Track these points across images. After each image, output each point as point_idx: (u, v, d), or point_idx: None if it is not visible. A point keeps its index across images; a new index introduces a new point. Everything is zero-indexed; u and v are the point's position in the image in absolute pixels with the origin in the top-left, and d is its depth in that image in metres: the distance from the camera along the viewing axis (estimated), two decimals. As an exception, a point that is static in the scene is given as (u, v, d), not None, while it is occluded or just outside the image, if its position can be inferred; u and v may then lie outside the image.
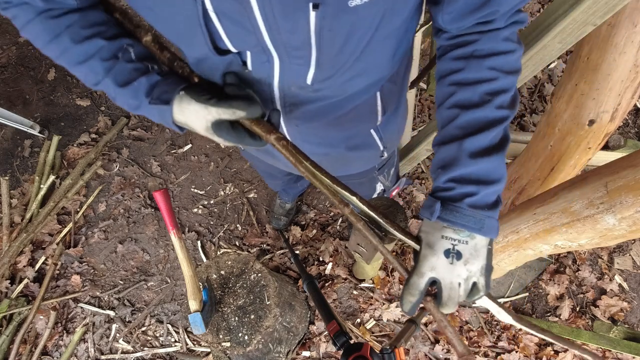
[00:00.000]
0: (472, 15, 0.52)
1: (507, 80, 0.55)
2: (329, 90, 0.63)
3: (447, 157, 0.56)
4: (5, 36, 2.51)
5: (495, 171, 0.55)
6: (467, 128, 0.55)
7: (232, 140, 0.56)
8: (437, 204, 0.55)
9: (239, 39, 0.51)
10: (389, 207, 0.85)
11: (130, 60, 0.57)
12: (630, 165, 0.87)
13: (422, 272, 0.55)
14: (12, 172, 2.18)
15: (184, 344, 1.80)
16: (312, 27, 0.46)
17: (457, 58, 0.57)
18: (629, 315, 1.76)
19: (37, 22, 0.54)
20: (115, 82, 0.56)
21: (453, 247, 0.54)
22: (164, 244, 2.01)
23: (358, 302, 1.82)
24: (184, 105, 0.55)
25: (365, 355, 0.68)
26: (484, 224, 0.53)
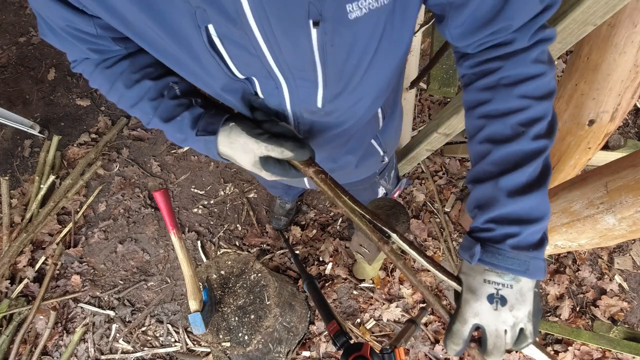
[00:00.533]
0: (483, 29, 0.49)
1: (541, 107, 0.50)
2: (340, 114, 0.63)
3: (483, 197, 0.53)
4: (5, 36, 2.51)
5: (538, 208, 0.50)
6: (502, 164, 0.51)
7: (279, 174, 0.58)
8: (477, 246, 0.51)
9: (244, 63, 0.50)
10: (391, 208, 0.85)
11: (174, 96, 0.60)
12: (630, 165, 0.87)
13: (465, 319, 0.52)
14: (12, 172, 2.18)
15: (184, 344, 1.80)
16: (314, 44, 0.46)
17: (484, 88, 0.53)
18: (629, 315, 1.76)
19: (97, 74, 0.61)
20: (161, 118, 0.59)
21: (497, 291, 0.50)
22: (164, 244, 2.01)
23: (358, 302, 1.82)
24: (233, 136, 0.57)
25: (365, 355, 0.67)
26: (529, 266, 0.49)
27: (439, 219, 1.97)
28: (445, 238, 1.92)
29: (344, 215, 2.02)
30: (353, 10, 0.43)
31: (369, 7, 0.43)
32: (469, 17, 0.49)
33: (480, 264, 0.51)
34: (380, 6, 0.44)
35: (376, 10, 0.44)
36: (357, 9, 0.43)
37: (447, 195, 2.02)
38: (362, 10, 0.43)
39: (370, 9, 0.43)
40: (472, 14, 0.48)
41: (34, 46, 2.47)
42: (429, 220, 1.97)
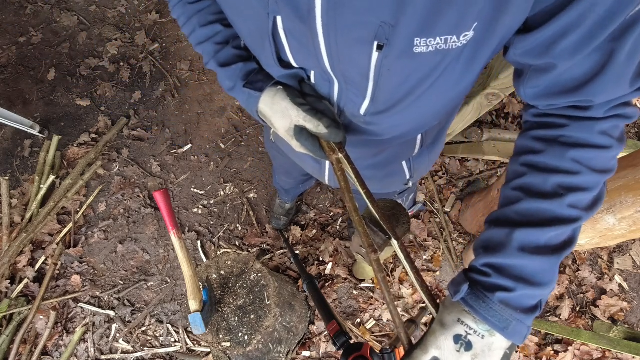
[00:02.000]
0: (560, 98, 0.47)
1: (591, 179, 0.48)
2: (379, 127, 0.63)
3: (493, 239, 0.50)
4: (5, 36, 2.51)
5: (545, 274, 0.47)
6: (527, 217, 0.49)
7: (308, 147, 0.59)
8: (465, 285, 0.48)
9: (302, 58, 0.52)
10: (392, 208, 0.85)
11: (238, 47, 0.63)
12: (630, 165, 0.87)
13: (427, 348, 0.50)
14: (12, 172, 2.18)
15: (184, 344, 1.80)
16: (372, 65, 0.46)
17: (539, 139, 0.51)
18: (629, 315, 1.76)
19: (179, 6, 0.66)
20: (218, 62, 0.62)
21: (466, 334, 0.48)
22: (164, 244, 2.01)
23: (358, 302, 1.82)
24: (277, 99, 0.58)
25: (365, 355, 0.67)
26: (509, 325, 0.46)
27: (439, 219, 1.97)
28: (445, 238, 1.92)
29: (344, 215, 2.02)
30: (419, 45, 0.42)
31: (436, 47, 0.43)
32: (549, 82, 0.47)
33: (461, 304, 0.49)
34: (447, 49, 0.43)
35: (442, 51, 0.43)
36: (423, 45, 0.42)
37: (447, 195, 2.02)
38: (428, 47, 0.43)
39: (437, 49, 0.43)
40: (553, 80, 0.46)
41: (34, 46, 2.47)
42: (429, 220, 1.97)
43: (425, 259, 1.90)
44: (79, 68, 2.40)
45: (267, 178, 2.13)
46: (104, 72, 2.39)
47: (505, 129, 2.10)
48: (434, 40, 0.42)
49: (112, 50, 2.44)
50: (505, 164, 2.01)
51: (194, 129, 2.25)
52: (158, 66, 2.40)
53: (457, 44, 0.43)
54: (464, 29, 0.41)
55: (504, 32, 0.44)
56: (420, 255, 1.91)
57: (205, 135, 2.24)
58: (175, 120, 2.28)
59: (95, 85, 2.36)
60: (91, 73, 2.39)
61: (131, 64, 2.40)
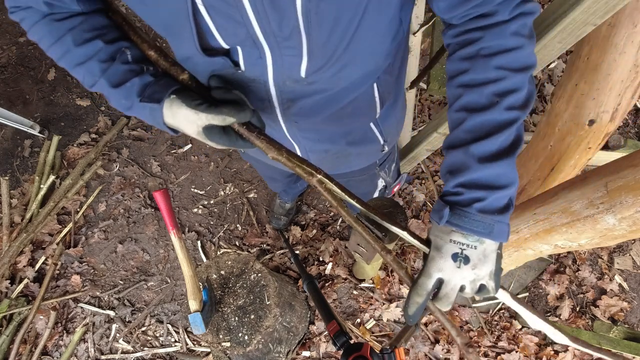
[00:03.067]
0: (466, 2, 0.52)
1: (517, 79, 0.53)
2: (324, 83, 0.63)
3: (455, 162, 0.55)
4: (5, 36, 2.51)
5: (506, 175, 0.53)
6: (475, 132, 0.54)
7: (225, 143, 0.57)
8: (446, 208, 0.54)
9: (230, 33, 0.52)
10: (389, 207, 0.85)
11: (126, 61, 0.58)
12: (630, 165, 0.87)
13: (430, 273, 0.55)
14: (12, 172, 2.18)
15: (184, 344, 1.80)
16: (299, 11, 0.47)
17: (464, 58, 0.56)
18: (629, 315, 1.76)
19: (42, 25, 0.57)
20: (109, 82, 0.57)
21: (461, 251, 0.54)
22: (164, 244, 2.01)
23: (358, 302, 1.82)
24: (174, 109, 0.56)
25: (365, 355, 0.67)
26: (493, 229, 0.52)
27: (439, 219, 1.97)
28: (445, 238, 1.92)
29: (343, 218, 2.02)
30: None
31: None
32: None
33: (447, 226, 0.54)
34: None
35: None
36: None
37: (447, 195, 2.02)
38: None
39: None
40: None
41: (34, 46, 2.47)
42: (429, 220, 1.97)
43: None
44: (79, 68, 2.40)
45: (267, 178, 2.13)
46: (104, 72, 2.39)
47: (505, 129, 2.10)
48: None
49: (112, 50, 2.44)
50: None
51: (194, 129, 2.25)
52: (158, 66, 2.40)
53: None
54: None
55: None
56: (420, 254, 1.91)
57: (205, 135, 2.24)
58: (175, 120, 2.28)
59: (95, 85, 2.36)
60: (91, 73, 2.39)
61: (131, 64, 2.40)
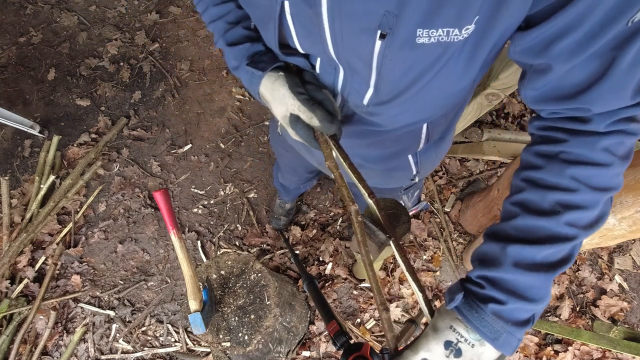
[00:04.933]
0: (558, 103, 0.47)
1: (590, 197, 0.47)
2: (382, 118, 0.64)
3: (489, 253, 0.51)
4: (5, 36, 2.51)
5: (538, 290, 0.47)
6: (523, 233, 0.49)
7: (302, 136, 0.60)
8: (460, 294, 0.49)
9: (308, 44, 0.53)
10: (392, 208, 0.85)
11: (247, 27, 0.64)
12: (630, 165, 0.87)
13: (417, 349, 0.51)
14: (12, 172, 2.18)
15: (184, 344, 1.80)
16: (375, 54, 0.47)
17: (540, 154, 0.51)
18: (629, 315, 1.76)
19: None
20: (226, 41, 0.63)
21: (456, 342, 0.48)
22: (164, 244, 2.01)
23: (358, 302, 1.82)
24: (277, 85, 0.59)
25: (365, 355, 0.67)
26: (500, 337, 0.47)
27: (439, 219, 1.97)
28: (445, 238, 1.92)
29: (344, 215, 2.02)
30: (421, 36, 0.43)
31: (438, 39, 0.43)
32: (548, 86, 0.47)
33: (455, 312, 0.50)
34: (449, 42, 0.44)
35: (444, 44, 0.44)
36: (425, 36, 0.43)
37: (447, 195, 2.02)
38: (430, 39, 0.43)
39: (439, 41, 0.43)
40: (551, 83, 0.46)
41: (34, 46, 2.47)
42: (429, 220, 1.97)
43: (425, 259, 1.90)
44: (79, 68, 2.40)
45: (267, 178, 2.13)
46: (104, 72, 2.39)
47: (505, 129, 2.10)
48: (435, 32, 0.42)
49: (112, 50, 2.44)
50: (505, 164, 2.01)
51: (194, 129, 2.25)
52: (158, 66, 2.40)
53: (458, 37, 0.43)
54: (466, 22, 0.42)
55: (505, 26, 0.44)
56: (420, 255, 1.91)
57: (205, 135, 2.24)
58: (175, 120, 2.28)
59: (95, 85, 2.36)
60: (91, 73, 2.39)
61: (131, 64, 2.40)
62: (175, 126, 2.26)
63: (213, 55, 2.43)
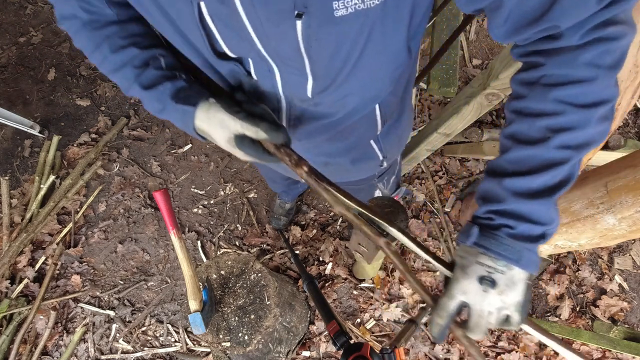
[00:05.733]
0: (525, 29, 0.46)
1: (578, 116, 0.46)
2: (329, 106, 0.63)
3: (490, 190, 0.53)
4: (5, 36, 2.51)
5: (543, 214, 0.49)
6: (517, 164, 0.50)
7: (252, 154, 0.58)
8: (475, 228, 0.52)
9: (235, 44, 0.51)
10: (390, 207, 0.85)
11: (159, 67, 0.60)
12: (630, 165, 0.87)
13: (453, 294, 0.52)
14: (12, 172, 2.18)
15: (184, 344, 1.80)
16: (299, 36, 0.46)
17: (523, 82, 0.51)
18: (629, 315, 1.76)
19: (83, 33, 0.59)
20: (141, 86, 0.59)
21: (488, 274, 0.50)
22: (164, 244, 2.01)
23: (358, 302, 1.83)
24: (211, 112, 0.57)
25: (365, 355, 0.67)
26: (522, 256, 0.49)
27: (439, 219, 1.97)
28: (445, 238, 1.92)
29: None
30: (338, 8, 0.43)
31: (355, 8, 0.43)
32: (509, 18, 0.46)
33: (475, 247, 0.52)
34: (367, 8, 0.44)
35: (363, 11, 0.44)
36: (342, 7, 0.43)
37: (447, 195, 2.02)
38: (347, 9, 0.43)
39: (356, 9, 0.44)
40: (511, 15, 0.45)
41: (34, 46, 2.47)
42: (429, 220, 1.97)
43: (425, 259, 1.90)
44: (79, 68, 2.40)
45: (267, 178, 2.13)
46: (104, 72, 2.39)
47: (505, 129, 2.10)
48: (351, 1, 0.42)
49: (112, 50, 2.44)
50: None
51: (194, 129, 2.25)
52: (158, 66, 2.40)
53: (374, 1, 0.43)
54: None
55: None
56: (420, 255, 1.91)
57: (205, 135, 2.24)
58: (175, 120, 2.28)
59: (95, 85, 2.36)
60: (91, 73, 2.39)
61: (131, 64, 2.40)
62: (175, 126, 2.26)
63: (213, 55, 2.43)
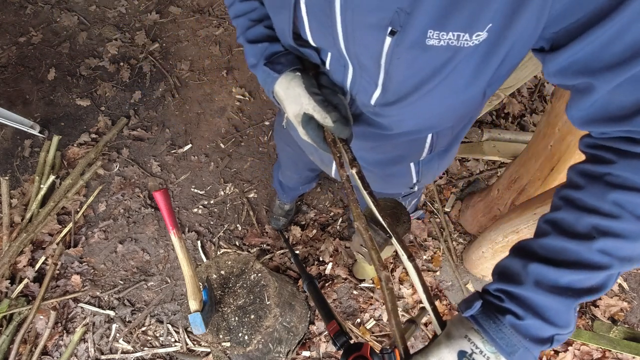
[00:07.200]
0: (606, 125, 0.43)
1: (633, 226, 0.42)
2: (387, 119, 0.64)
3: (510, 267, 0.48)
4: (5, 36, 2.51)
5: (559, 315, 0.44)
6: (549, 252, 0.46)
7: (312, 136, 0.60)
8: (479, 302, 0.47)
9: (319, 36, 0.53)
10: (393, 207, 0.85)
11: (268, 27, 0.65)
12: (630, 165, 0.87)
13: (428, 357, 0.48)
14: (12, 172, 2.18)
15: (184, 344, 1.80)
16: (384, 51, 0.47)
17: (584, 173, 0.46)
18: (629, 315, 1.76)
19: None
20: (246, 38, 0.65)
21: (471, 352, 0.46)
22: (164, 244, 2.01)
23: (358, 302, 1.82)
24: (292, 84, 0.60)
25: (365, 355, 0.67)
26: (516, 352, 0.44)
27: (439, 219, 1.97)
28: (445, 238, 1.92)
29: (344, 215, 2.02)
30: (432, 38, 0.43)
31: (448, 42, 0.43)
32: (594, 106, 0.43)
33: (470, 322, 0.48)
34: (459, 46, 0.44)
35: (454, 48, 0.44)
36: (435, 38, 0.43)
37: (447, 195, 2.02)
38: (440, 41, 0.43)
39: (449, 45, 0.43)
40: (597, 104, 0.43)
41: (34, 46, 2.47)
42: (429, 220, 1.97)
43: (425, 259, 1.90)
44: (79, 68, 2.40)
45: (267, 178, 2.13)
46: (104, 72, 2.39)
47: (505, 129, 2.10)
48: (446, 35, 0.42)
49: (112, 50, 2.44)
50: (505, 164, 2.01)
51: (194, 129, 2.25)
52: (158, 66, 2.40)
53: (468, 43, 0.43)
54: (477, 28, 0.42)
55: (516, 38, 0.44)
56: (420, 255, 1.91)
57: (205, 135, 2.24)
58: (175, 120, 2.28)
59: (95, 85, 2.36)
60: (91, 73, 2.39)
61: (131, 64, 2.40)
62: (175, 126, 2.26)
63: (213, 55, 2.43)
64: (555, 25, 0.42)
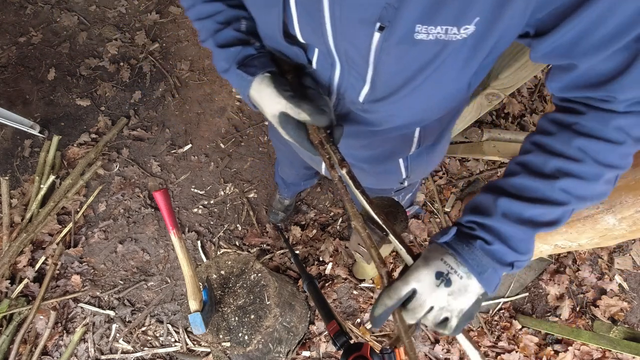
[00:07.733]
0: (583, 91, 0.48)
1: (593, 169, 0.48)
2: (376, 116, 0.64)
3: (482, 203, 0.54)
4: (5, 36, 2.51)
5: (521, 243, 0.51)
6: (517, 190, 0.52)
7: (294, 136, 0.59)
8: (454, 229, 0.53)
9: (308, 31, 0.53)
10: (389, 206, 0.85)
11: (238, 29, 0.63)
12: (630, 165, 0.87)
13: (408, 280, 0.52)
14: (12, 172, 2.18)
15: (184, 344, 1.80)
16: (372, 46, 0.47)
17: (554, 122, 0.52)
18: (629, 315, 1.76)
19: None
20: (216, 42, 0.63)
21: (447, 272, 0.51)
22: (164, 244, 2.01)
23: (358, 302, 1.83)
24: (263, 86, 0.59)
25: (365, 355, 0.67)
26: (486, 271, 0.50)
27: (439, 219, 1.97)
28: (445, 238, 1.92)
29: (344, 215, 2.02)
30: (420, 32, 0.43)
31: (437, 37, 0.44)
32: (573, 79, 0.48)
33: (445, 247, 0.53)
34: (447, 40, 0.44)
35: (442, 42, 0.44)
36: (424, 32, 0.43)
37: (447, 195, 2.02)
38: (428, 35, 0.44)
39: (437, 39, 0.44)
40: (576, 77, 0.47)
41: (34, 46, 2.47)
42: (429, 220, 1.97)
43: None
44: (79, 68, 2.40)
45: (267, 178, 2.13)
46: (104, 72, 2.39)
47: (505, 129, 2.10)
48: (434, 29, 0.43)
49: (112, 50, 2.44)
50: (505, 164, 2.01)
51: (194, 129, 2.25)
52: (158, 66, 2.40)
53: (457, 36, 0.44)
54: (465, 21, 0.42)
55: (503, 30, 0.45)
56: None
57: (205, 135, 2.24)
58: (175, 120, 2.28)
59: (95, 85, 2.36)
60: (91, 73, 2.39)
61: (131, 64, 2.40)
62: (175, 126, 2.26)
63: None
64: (541, 10, 0.43)
